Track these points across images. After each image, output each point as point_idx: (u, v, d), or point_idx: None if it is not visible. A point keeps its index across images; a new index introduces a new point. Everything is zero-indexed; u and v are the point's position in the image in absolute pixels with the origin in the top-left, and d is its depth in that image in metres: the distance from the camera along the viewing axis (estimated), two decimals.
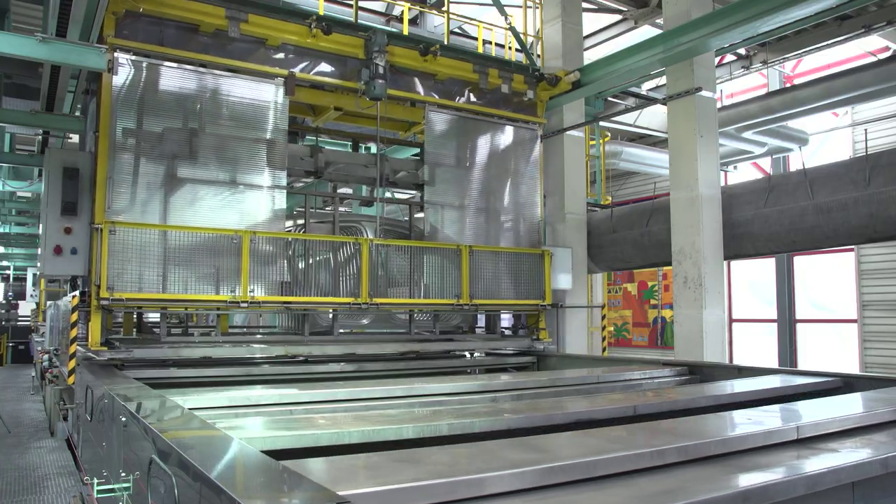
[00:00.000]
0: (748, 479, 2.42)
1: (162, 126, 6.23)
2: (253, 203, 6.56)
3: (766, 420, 3.24)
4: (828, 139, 15.47)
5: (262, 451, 2.64)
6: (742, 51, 12.93)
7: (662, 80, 10.00)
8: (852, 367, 14.34)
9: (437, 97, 7.76)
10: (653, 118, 14.11)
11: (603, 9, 12.88)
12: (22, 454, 9.85)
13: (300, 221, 7.49)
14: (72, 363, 5.87)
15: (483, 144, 8.07)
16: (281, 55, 6.85)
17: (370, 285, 6.78)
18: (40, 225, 6.98)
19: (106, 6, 5.60)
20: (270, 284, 6.41)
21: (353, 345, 6.83)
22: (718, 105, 10.78)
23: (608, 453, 2.42)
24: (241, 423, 3.51)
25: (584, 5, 11.46)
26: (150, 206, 6.11)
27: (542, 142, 9.55)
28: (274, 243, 6.47)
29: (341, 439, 3.15)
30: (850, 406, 3.68)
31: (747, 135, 13.46)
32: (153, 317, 7.51)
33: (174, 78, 6.31)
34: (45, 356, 11.60)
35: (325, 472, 2.22)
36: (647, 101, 12.46)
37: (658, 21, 12.29)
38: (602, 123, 12.91)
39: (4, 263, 29.70)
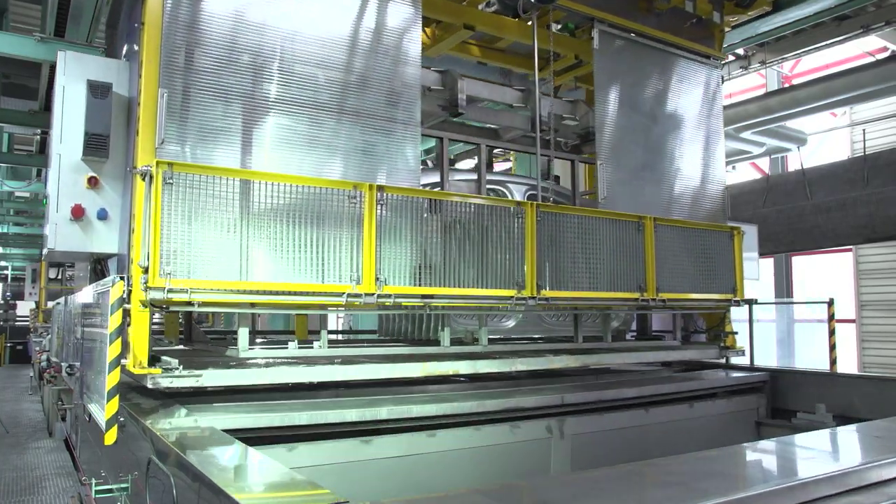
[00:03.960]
0: None
1: (237, 26, 4.16)
2: (372, 147, 4.56)
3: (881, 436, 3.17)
4: (826, 139, 15.48)
5: (223, 430, 2.87)
6: (741, 51, 12.91)
7: None
8: (851, 366, 14.35)
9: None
10: None
11: None
12: (20, 454, 9.83)
13: (429, 179, 5.53)
14: (113, 404, 3.30)
15: (658, 82, 6.24)
16: None
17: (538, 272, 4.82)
18: (48, 173, 4.59)
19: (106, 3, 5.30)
20: (400, 270, 4.30)
21: (511, 359, 4.95)
22: None
23: (753, 488, 2.19)
24: (208, 408, 3.76)
25: None
26: (220, 146, 4.03)
27: None
28: (408, 206, 4.38)
29: (292, 420, 3.67)
30: None
31: (746, 135, 13.44)
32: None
33: None
34: (44, 355, 11.57)
35: None
36: None
37: None
38: None
39: (3, 264, 29.69)
